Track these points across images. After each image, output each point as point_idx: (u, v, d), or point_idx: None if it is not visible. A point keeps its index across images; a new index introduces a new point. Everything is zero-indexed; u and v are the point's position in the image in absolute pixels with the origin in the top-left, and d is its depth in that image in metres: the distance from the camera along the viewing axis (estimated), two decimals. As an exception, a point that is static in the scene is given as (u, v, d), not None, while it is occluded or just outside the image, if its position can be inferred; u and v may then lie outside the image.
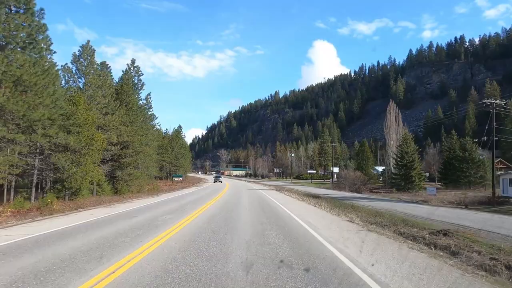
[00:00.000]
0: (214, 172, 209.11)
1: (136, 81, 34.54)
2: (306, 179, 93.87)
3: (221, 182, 60.21)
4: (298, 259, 6.45)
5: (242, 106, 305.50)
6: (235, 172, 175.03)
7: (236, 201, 20.79)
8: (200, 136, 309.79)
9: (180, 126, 74.97)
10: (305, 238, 8.83)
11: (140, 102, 36.68)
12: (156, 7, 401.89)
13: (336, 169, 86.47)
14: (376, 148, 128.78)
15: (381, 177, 59.61)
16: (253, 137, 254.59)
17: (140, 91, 35.26)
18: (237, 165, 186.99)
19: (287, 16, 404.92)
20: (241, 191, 34.22)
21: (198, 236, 8.88)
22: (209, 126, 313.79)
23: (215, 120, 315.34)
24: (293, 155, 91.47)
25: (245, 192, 31.82)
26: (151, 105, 39.88)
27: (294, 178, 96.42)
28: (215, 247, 7.47)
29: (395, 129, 50.35)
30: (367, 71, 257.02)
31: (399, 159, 41.68)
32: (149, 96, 37.99)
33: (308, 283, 4.99)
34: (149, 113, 39.57)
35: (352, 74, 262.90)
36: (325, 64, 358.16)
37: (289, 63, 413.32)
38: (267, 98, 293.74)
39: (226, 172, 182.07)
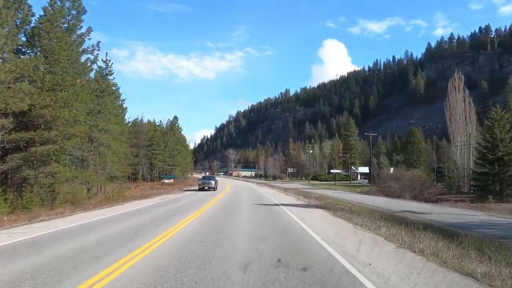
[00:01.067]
0: (222, 174, 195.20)
1: (73, 21, 20.45)
2: (326, 181, 78.97)
3: (215, 189, 33.44)
4: None
5: (252, 105, 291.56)
6: (244, 173, 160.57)
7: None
8: (209, 136, 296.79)
9: (175, 117, 61.10)
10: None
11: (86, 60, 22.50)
12: (165, 9, 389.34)
13: (363, 169, 71.39)
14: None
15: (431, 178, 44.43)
16: (263, 136, 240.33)
17: (84, 39, 21.19)
18: (246, 165, 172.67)
19: (297, 16, 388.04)
20: (240, 206, 18.17)
21: None
22: (218, 126, 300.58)
23: (224, 120, 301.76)
24: (311, 152, 76.56)
25: (247, 215, 13.54)
26: (111, 70, 25.70)
27: (311, 179, 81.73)
28: None
29: (462, 111, 35.25)
30: (381, 67, 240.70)
31: (487, 151, 26.85)
32: (96, 49, 22.85)
33: None
34: (106, 80, 25.31)
35: (366, 70, 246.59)
36: (336, 63, 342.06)
37: (299, 63, 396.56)
38: (277, 96, 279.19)
39: (235, 173, 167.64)
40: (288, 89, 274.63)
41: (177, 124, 61.59)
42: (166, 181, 46.28)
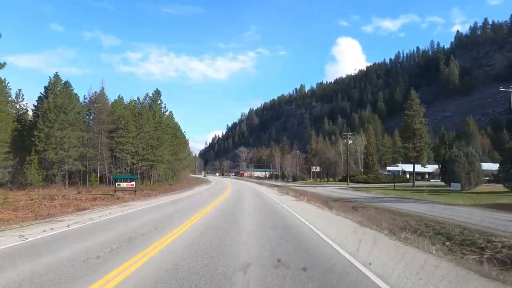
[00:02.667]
0: (233, 174, 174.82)
1: None
2: (366, 182, 57.61)
3: None
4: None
5: (264, 103, 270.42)
6: (257, 173, 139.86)
7: None
8: (220, 136, 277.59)
9: (157, 92, 41.03)
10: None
11: None
12: (178, 11, 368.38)
13: (411, 167, 49.64)
14: (443, 138, 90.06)
15: None
16: (277, 134, 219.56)
17: None
18: (260, 165, 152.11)
19: (309, 16, 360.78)
20: None
21: None
22: (229, 125, 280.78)
23: (235, 120, 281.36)
24: (350, 142, 54.11)
25: None
26: None
27: (344, 181, 60.79)
28: None
29: None
30: (404, 59, 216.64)
31: None
32: None
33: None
34: None
35: (388, 63, 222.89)
36: (350, 61, 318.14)
37: (312, 63, 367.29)
38: (291, 93, 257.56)
39: (246, 173, 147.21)
40: (303, 84, 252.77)
41: (159, 102, 41.44)
42: (123, 185, 26.12)
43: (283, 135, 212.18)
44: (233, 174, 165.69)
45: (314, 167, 73.72)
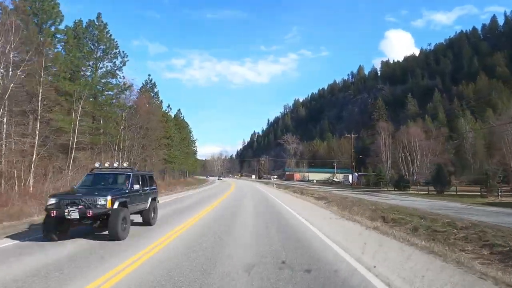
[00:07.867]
0: (275, 177, 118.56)
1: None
2: None
3: None
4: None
5: (312, 93, 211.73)
6: (315, 176, 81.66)
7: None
8: (260, 132, 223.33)
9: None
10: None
11: None
12: (220, 16, 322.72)
13: None
14: None
15: None
16: (332, 126, 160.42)
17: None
18: (316, 161, 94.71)
19: (352, 14, 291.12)
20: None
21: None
22: (271, 120, 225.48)
23: (277, 114, 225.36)
24: None
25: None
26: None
27: None
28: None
29: None
30: (501, 23, 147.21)
31: None
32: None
33: None
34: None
35: (480, 29, 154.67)
36: (402, 53, 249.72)
37: (356, 62, 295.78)
38: (345, 78, 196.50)
39: (298, 175, 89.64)
40: (361, 65, 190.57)
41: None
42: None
43: (339, 127, 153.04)
44: (275, 176, 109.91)
45: None
